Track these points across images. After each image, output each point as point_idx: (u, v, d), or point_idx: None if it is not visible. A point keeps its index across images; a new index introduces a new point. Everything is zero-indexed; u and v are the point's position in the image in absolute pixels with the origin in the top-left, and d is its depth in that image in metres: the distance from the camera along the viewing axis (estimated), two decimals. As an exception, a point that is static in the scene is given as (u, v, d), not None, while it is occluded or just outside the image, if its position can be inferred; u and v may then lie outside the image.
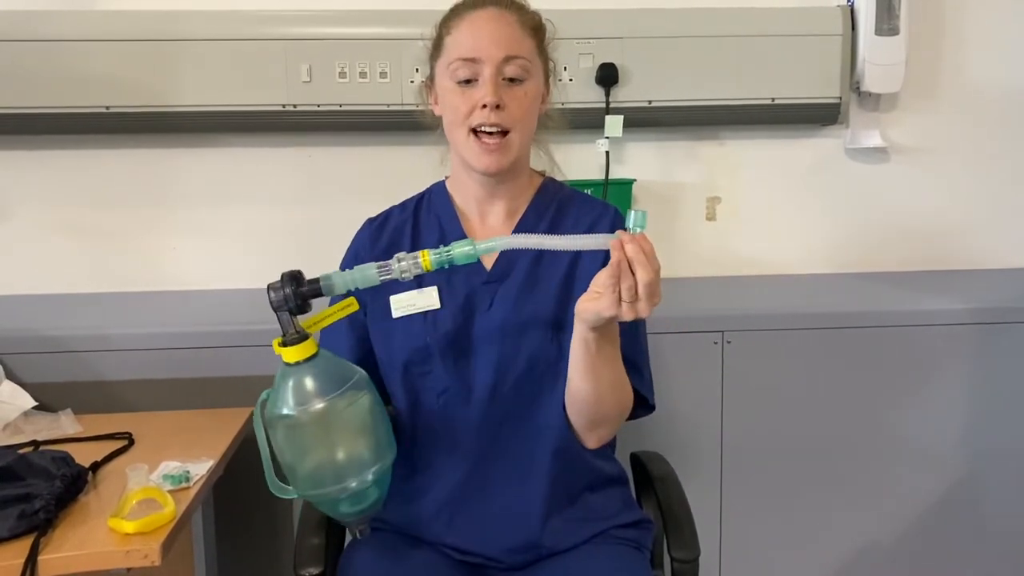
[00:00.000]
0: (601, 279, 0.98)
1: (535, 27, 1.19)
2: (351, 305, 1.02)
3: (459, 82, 1.15)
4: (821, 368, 1.80)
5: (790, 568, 1.87)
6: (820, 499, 1.84)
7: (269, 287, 0.97)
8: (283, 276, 0.97)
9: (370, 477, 1.00)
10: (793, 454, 1.82)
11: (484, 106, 1.12)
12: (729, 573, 1.85)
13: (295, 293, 0.96)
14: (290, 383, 0.98)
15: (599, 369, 1.09)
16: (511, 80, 1.14)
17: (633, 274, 0.95)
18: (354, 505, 1.01)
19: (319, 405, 0.96)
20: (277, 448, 1.00)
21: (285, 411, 0.97)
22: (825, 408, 1.81)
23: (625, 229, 0.97)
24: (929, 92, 2.01)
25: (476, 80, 1.14)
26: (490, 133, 1.14)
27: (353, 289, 1.00)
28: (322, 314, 1.01)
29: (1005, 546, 1.89)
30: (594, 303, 0.99)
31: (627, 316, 0.96)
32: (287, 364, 0.98)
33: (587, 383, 1.11)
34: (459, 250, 0.98)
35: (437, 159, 1.32)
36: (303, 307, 0.98)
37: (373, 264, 0.99)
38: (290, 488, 1.02)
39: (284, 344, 0.97)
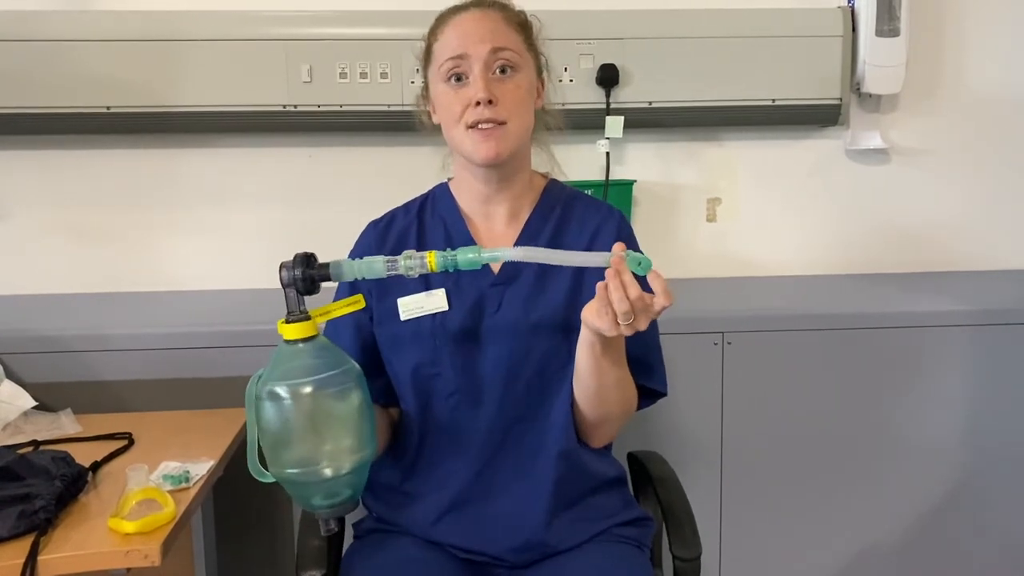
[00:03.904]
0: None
1: (520, 23, 1.21)
2: (358, 302, 1.04)
3: (449, 80, 1.16)
4: (821, 368, 1.80)
5: (790, 568, 1.87)
6: (820, 499, 1.84)
7: (281, 265, 1.00)
8: (296, 256, 1.00)
9: (346, 468, 0.99)
10: (793, 454, 1.82)
11: (478, 103, 1.13)
12: (729, 573, 1.85)
13: (304, 273, 0.99)
14: (284, 360, 0.99)
15: (604, 369, 1.12)
16: (502, 72, 1.15)
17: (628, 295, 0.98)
18: (327, 499, 1.00)
19: (307, 386, 0.97)
20: (261, 426, 1.00)
21: (273, 386, 0.97)
22: (825, 408, 1.81)
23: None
24: (929, 93, 2.01)
25: (467, 78, 1.15)
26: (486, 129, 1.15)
27: (360, 279, 1.02)
28: (329, 306, 1.04)
29: (1005, 546, 1.89)
30: (596, 320, 1.02)
31: (626, 333, 1.01)
32: (286, 342, 0.99)
33: (592, 382, 1.14)
34: (464, 256, 1.00)
35: (438, 159, 1.32)
36: (311, 288, 1.00)
37: (381, 258, 1.01)
38: (268, 473, 1.02)
39: (287, 322, 0.99)
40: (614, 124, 1.87)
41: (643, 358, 1.23)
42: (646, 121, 1.90)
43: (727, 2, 1.90)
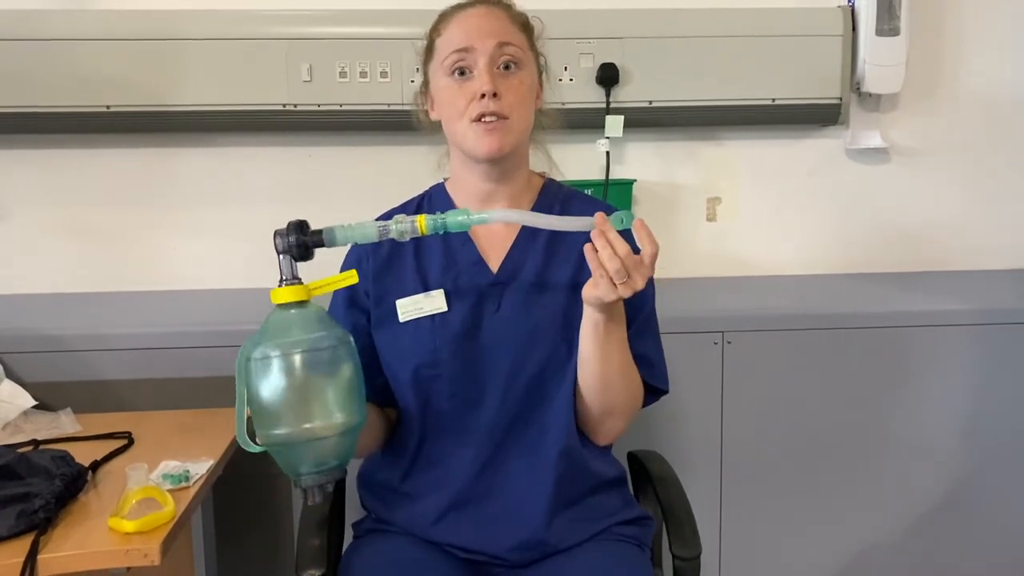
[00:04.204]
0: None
1: (524, 23, 1.22)
2: (351, 276, 1.06)
3: (453, 74, 1.16)
4: (821, 368, 1.80)
5: (790, 568, 1.87)
6: (819, 499, 1.84)
7: (276, 232, 1.03)
8: (289, 224, 1.03)
9: (334, 431, 0.99)
10: (793, 454, 1.82)
11: (482, 96, 1.13)
12: (729, 573, 1.85)
13: (298, 239, 1.02)
14: (275, 324, 1.00)
15: (608, 352, 1.13)
16: (506, 68, 1.16)
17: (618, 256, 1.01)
18: (315, 467, 1.00)
19: (297, 347, 0.97)
20: (250, 391, 1.00)
21: (263, 349, 0.97)
22: (825, 408, 1.81)
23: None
24: (929, 93, 2.01)
25: (471, 72, 1.15)
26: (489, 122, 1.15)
27: (354, 243, 1.07)
28: (324, 280, 1.05)
29: (1005, 546, 1.89)
30: (594, 289, 1.05)
31: (625, 294, 1.03)
32: (278, 307, 1.01)
33: (597, 367, 1.14)
34: (453, 219, 1.03)
35: (436, 159, 1.32)
36: (305, 255, 1.03)
37: (374, 223, 1.05)
38: (256, 445, 1.02)
39: (279, 286, 1.01)
40: (614, 123, 1.87)
41: (643, 354, 1.23)
42: (646, 120, 1.90)
43: (727, 2, 1.90)
